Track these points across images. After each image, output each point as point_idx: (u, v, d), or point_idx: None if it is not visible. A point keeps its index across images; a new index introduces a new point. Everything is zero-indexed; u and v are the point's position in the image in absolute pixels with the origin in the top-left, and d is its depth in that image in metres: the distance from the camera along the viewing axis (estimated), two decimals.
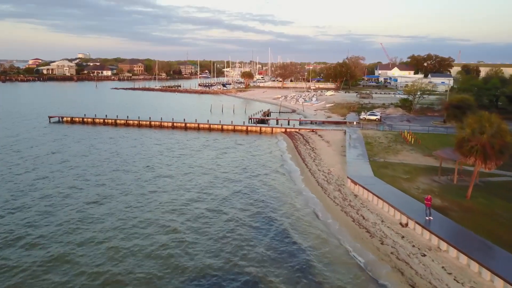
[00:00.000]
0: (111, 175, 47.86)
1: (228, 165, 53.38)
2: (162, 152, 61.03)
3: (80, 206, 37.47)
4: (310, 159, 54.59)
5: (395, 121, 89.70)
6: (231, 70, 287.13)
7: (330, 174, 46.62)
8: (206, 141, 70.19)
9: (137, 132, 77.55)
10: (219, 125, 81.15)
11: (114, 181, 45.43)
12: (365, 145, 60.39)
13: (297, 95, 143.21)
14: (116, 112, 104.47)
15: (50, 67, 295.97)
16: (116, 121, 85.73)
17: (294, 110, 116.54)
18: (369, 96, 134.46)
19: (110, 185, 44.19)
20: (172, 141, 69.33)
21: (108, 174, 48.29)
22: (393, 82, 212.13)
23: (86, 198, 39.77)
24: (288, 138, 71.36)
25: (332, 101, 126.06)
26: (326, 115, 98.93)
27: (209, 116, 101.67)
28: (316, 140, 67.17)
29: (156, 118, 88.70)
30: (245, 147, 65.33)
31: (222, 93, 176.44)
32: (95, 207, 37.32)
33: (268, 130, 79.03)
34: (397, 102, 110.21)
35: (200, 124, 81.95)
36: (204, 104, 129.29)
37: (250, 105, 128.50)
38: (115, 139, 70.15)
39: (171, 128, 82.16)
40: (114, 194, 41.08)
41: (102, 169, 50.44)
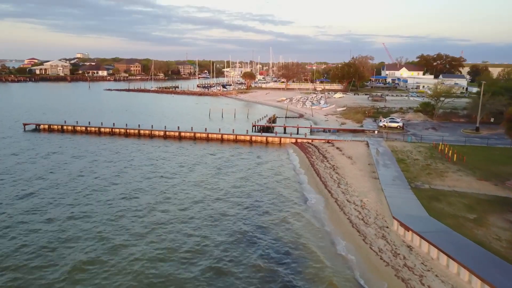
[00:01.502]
0: (70, 209, 36.65)
1: (228, 193, 42.15)
2: (143, 172, 49.80)
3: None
4: (333, 183, 43.37)
5: (418, 129, 78.58)
6: (231, 70, 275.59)
7: (365, 208, 35.43)
8: (202, 156, 58.93)
9: (123, 143, 66.36)
10: (218, 134, 69.97)
11: (74, 219, 34.23)
12: (398, 163, 49.22)
13: (303, 98, 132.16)
14: (104, 117, 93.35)
15: (43, 67, 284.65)
16: (100, 129, 74.47)
17: (301, 114, 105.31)
18: (382, 99, 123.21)
19: (68, 227, 33.00)
20: (160, 155, 58.12)
21: (65, 208, 37.06)
22: (401, 83, 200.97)
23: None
24: (300, 152, 60.13)
25: (343, 104, 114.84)
26: (339, 121, 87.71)
27: (207, 122, 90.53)
28: (335, 154, 55.96)
29: (147, 125, 77.49)
30: (249, 164, 54.09)
31: (222, 95, 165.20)
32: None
33: (276, 140, 67.82)
34: (417, 107, 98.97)
35: (197, 133, 70.74)
36: (203, 108, 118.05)
37: (253, 108, 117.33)
38: (94, 153, 58.94)
39: (163, 138, 70.94)
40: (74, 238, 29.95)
41: (61, 197, 39.26)
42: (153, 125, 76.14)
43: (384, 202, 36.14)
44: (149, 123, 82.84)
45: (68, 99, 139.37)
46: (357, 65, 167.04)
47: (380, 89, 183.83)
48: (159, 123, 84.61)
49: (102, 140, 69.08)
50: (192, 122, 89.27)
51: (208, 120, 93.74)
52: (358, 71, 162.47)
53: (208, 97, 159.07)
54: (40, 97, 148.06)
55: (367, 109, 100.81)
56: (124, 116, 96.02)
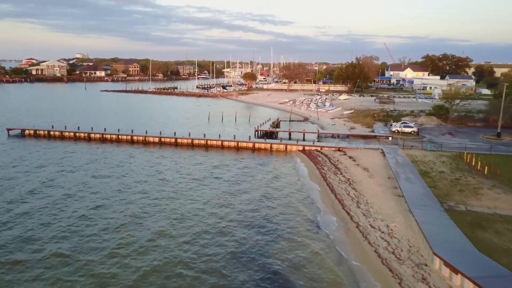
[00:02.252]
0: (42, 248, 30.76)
1: (230, 215, 36.31)
2: (132, 189, 43.96)
3: None
4: (351, 201, 37.52)
5: (434, 134, 72.78)
6: (231, 71, 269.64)
7: (394, 237, 29.59)
8: (200, 166, 53.07)
9: (113, 152, 60.50)
10: (218, 141, 64.08)
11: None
12: (422, 176, 43.37)
13: (307, 99, 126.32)
14: (96, 121, 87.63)
15: (40, 67, 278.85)
16: (90, 135, 68.56)
17: (306, 118, 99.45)
18: (390, 101, 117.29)
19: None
20: (154, 167, 52.26)
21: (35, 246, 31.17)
22: (407, 83, 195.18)
23: None
24: (309, 161, 54.24)
25: (349, 107, 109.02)
26: (347, 126, 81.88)
27: (206, 126, 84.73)
28: (349, 165, 50.10)
29: (141, 130, 71.72)
30: (252, 176, 48.21)
31: (222, 96, 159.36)
32: None
33: (281, 147, 61.94)
34: (430, 110, 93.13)
35: (195, 140, 64.86)
36: (202, 110, 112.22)
37: (254, 111, 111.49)
38: (80, 161, 53.10)
39: (158, 145, 65.07)
40: None
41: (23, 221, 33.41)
42: (148, 131, 70.32)
43: (416, 229, 30.30)
44: (144, 127, 77.06)
45: (61, 101, 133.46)
46: (362, 65, 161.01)
47: (385, 90, 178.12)
48: (154, 127, 78.82)
49: (91, 147, 63.26)
50: (190, 126, 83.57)
51: (207, 124, 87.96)
52: (363, 72, 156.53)
53: (207, 99, 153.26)
54: (32, 98, 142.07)
55: (376, 112, 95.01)
56: (118, 120, 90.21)
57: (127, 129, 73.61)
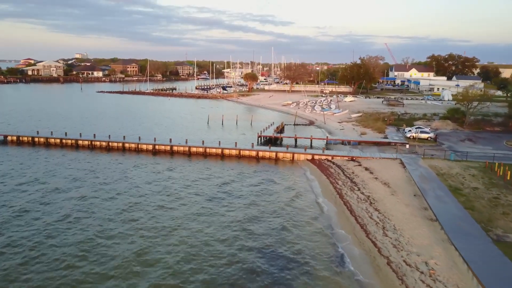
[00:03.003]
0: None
1: (236, 245, 30.48)
2: (125, 206, 38.14)
3: None
4: (376, 227, 31.66)
5: (453, 141, 66.98)
6: (231, 71, 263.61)
7: (437, 281, 23.73)
8: (197, 180, 47.23)
9: (103, 160, 54.64)
10: (218, 149, 58.18)
11: None
12: (452, 193, 37.56)
13: (311, 101, 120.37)
14: (87, 125, 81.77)
15: (36, 68, 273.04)
16: (78, 141, 62.65)
17: (312, 121, 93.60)
18: (399, 104, 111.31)
19: None
20: (147, 179, 46.43)
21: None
22: (413, 84, 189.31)
23: None
24: (320, 173, 48.35)
25: (356, 109, 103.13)
26: (357, 131, 76.05)
27: (205, 131, 78.88)
28: (366, 178, 44.26)
29: (134, 136, 65.94)
30: (256, 192, 42.38)
31: (222, 98, 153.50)
32: None
33: (287, 156, 56.02)
34: (444, 113, 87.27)
35: (192, 147, 58.95)
36: (201, 113, 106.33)
37: (256, 114, 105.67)
38: (65, 173, 47.27)
39: (152, 153, 59.20)
40: None
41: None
42: (141, 137, 64.44)
43: (462, 268, 24.49)
44: (138, 132, 71.26)
45: (53, 103, 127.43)
46: (367, 65, 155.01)
47: (391, 91, 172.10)
48: (149, 132, 72.97)
49: (79, 155, 57.43)
50: (187, 131, 77.71)
51: (207, 128, 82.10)
52: (368, 73, 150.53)
53: (207, 100, 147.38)
54: (23, 99, 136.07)
55: (386, 115, 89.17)
56: (110, 124, 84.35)
57: (119, 135, 67.78)
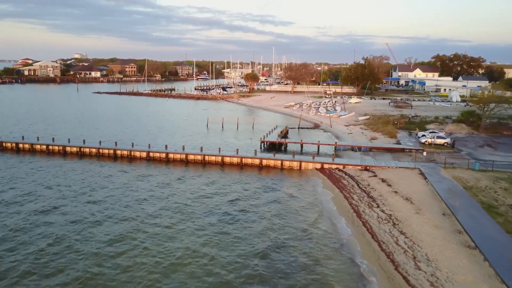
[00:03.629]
0: None
1: (236, 276, 25.57)
2: (117, 226, 33.24)
3: None
4: (405, 256, 26.72)
5: (471, 147, 62.08)
6: (231, 71, 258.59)
7: None
8: (196, 193, 42.32)
9: (92, 169, 49.74)
10: (218, 156, 53.21)
11: None
12: (487, 212, 32.68)
13: (315, 103, 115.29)
14: (79, 129, 76.83)
15: (32, 68, 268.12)
16: (66, 148, 57.68)
17: (317, 124, 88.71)
18: (408, 105, 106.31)
19: None
20: (140, 194, 41.54)
21: None
22: (417, 85, 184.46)
23: None
24: (332, 186, 43.40)
25: (363, 111, 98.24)
26: (367, 135, 71.17)
27: (204, 135, 73.97)
28: (384, 192, 39.34)
29: (127, 142, 61.09)
30: (262, 209, 37.49)
31: (222, 99, 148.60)
32: None
33: (294, 165, 51.06)
34: (458, 116, 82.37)
35: (190, 155, 53.98)
36: (200, 115, 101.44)
37: (258, 116, 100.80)
38: (48, 184, 42.40)
39: (146, 161, 54.26)
40: None
41: None
42: (135, 142, 59.54)
43: None
44: (132, 138, 66.41)
45: (46, 104, 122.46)
46: (372, 65, 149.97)
47: (395, 92, 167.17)
48: (144, 137, 68.08)
49: (66, 164, 52.56)
50: (185, 135, 72.79)
51: (206, 132, 77.18)
52: (373, 73, 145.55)
53: (206, 102, 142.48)
54: (15, 100, 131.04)
55: (395, 118, 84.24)
56: (104, 128, 79.45)
57: (112, 139, 62.92)
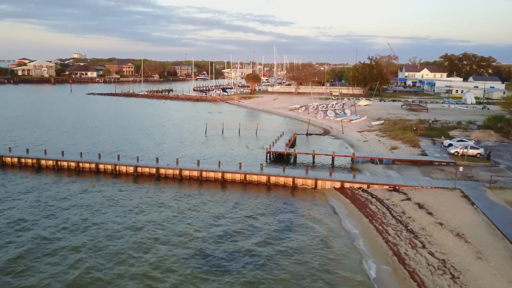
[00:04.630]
0: None
1: None
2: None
3: None
4: None
5: (506, 158, 54.21)
6: (231, 72, 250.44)
7: None
8: (187, 220, 34.32)
9: (68, 188, 41.75)
10: (217, 172, 45.16)
11: None
12: None
13: (322, 105, 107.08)
14: (61, 137, 68.61)
15: (27, 68, 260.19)
16: (41, 161, 49.59)
17: (327, 130, 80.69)
18: (423, 109, 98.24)
19: None
20: (124, 220, 33.53)
21: None
22: (426, 86, 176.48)
23: None
24: (357, 213, 35.32)
25: (375, 115, 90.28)
26: (385, 144, 63.22)
27: (202, 143, 65.94)
28: (425, 223, 31.30)
29: (113, 154, 53.10)
30: (273, 254, 29.51)
31: (222, 101, 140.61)
32: None
33: (308, 183, 42.99)
34: (485, 121, 74.42)
35: (184, 170, 45.90)
36: (198, 119, 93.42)
37: (261, 121, 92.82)
38: (15, 208, 34.41)
39: (133, 177, 46.21)
40: None
41: None
42: (122, 154, 51.52)
43: None
44: (119, 147, 58.43)
45: (34, 107, 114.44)
46: (381, 65, 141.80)
47: (403, 93, 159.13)
48: (134, 146, 60.07)
49: (41, 178, 44.70)
50: (181, 143, 64.75)
51: (204, 140, 69.12)
52: (381, 73, 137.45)
53: (205, 104, 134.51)
54: (5, 104, 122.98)
55: (413, 123, 76.29)
56: (89, 135, 71.47)
57: (96, 150, 54.96)
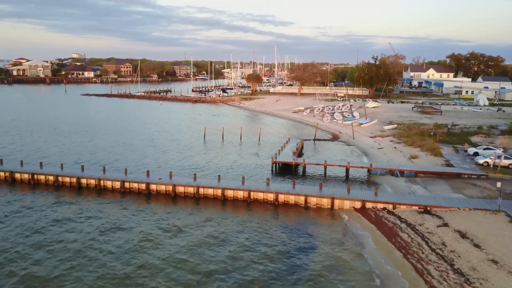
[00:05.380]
0: None
1: None
2: None
3: None
4: None
5: None
6: (231, 72, 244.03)
7: None
8: (178, 267, 28.17)
9: (40, 208, 35.63)
10: (217, 189, 38.91)
11: None
12: None
13: (328, 107, 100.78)
14: (42, 145, 62.12)
15: (22, 68, 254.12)
16: (15, 174, 43.32)
17: (335, 135, 74.52)
18: (436, 111, 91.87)
19: None
20: (107, 247, 27.39)
21: None
22: (433, 86, 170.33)
23: None
24: (386, 243, 29.07)
25: (386, 118, 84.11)
26: (401, 151, 57.07)
27: (200, 150, 59.69)
28: (476, 261, 25.13)
29: (99, 164, 46.95)
30: None
31: (222, 102, 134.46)
32: None
33: (324, 203, 36.61)
34: (510, 125, 68.23)
35: (178, 186, 39.64)
36: (196, 122, 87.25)
37: (264, 124, 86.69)
38: None
39: (120, 194, 39.99)
40: None
41: None
42: (109, 165, 45.38)
43: None
44: (105, 156, 52.28)
45: (24, 109, 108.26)
46: (388, 65, 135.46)
47: (411, 94, 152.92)
48: (122, 156, 53.86)
49: (14, 196, 38.56)
50: (176, 150, 58.46)
51: (202, 147, 62.93)
52: (389, 73, 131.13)
53: (204, 105, 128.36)
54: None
55: (429, 128, 70.12)
56: (75, 142, 65.31)
57: (80, 160, 48.78)
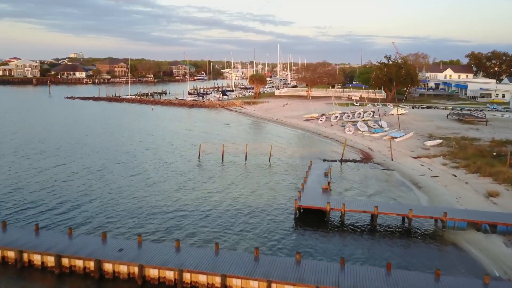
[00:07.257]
0: None
1: None
2: None
3: None
4: None
5: None
6: (232, 72, 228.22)
7: None
8: None
9: None
10: (214, 276, 23.07)
11: None
12: None
13: (347, 114, 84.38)
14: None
15: (8, 67, 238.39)
16: None
17: (366, 154, 58.33)
18: (481, 120, 75.85)
19: None
20: None
21: None
22: (452, 87, 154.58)
23: None
24: None
25: (422, 130, 68.44)
26: (466, 181, 41.25)
27: (190, 179, 43.34)
28: None
29: (27, 215, 31.19)
30: None
31: (222, 106, 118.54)
32: None
33: None
34: None
35: (148, 268, 23.82)
36: (190, 134, 71.32)
37: (273, 136, 70.89)
38: None
39: (55, 277, 24.22)
40: None
41: None
42: (51, 213, 29.61)
43: None
44: (41, 201, 36.28)
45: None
46: (410, 65, 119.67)
47: (432, 97, 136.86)
48: (68, 201, 37.83)
49: None
50: (155, 181, 42.01)
51: (194, 174, 46.75)
52: (411, 74, 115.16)
53: (202, 111, 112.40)
54: None
55: (486, 144, 54.40)
56: (19, 171, 49.33)
57: (9, 209, 32.94)
